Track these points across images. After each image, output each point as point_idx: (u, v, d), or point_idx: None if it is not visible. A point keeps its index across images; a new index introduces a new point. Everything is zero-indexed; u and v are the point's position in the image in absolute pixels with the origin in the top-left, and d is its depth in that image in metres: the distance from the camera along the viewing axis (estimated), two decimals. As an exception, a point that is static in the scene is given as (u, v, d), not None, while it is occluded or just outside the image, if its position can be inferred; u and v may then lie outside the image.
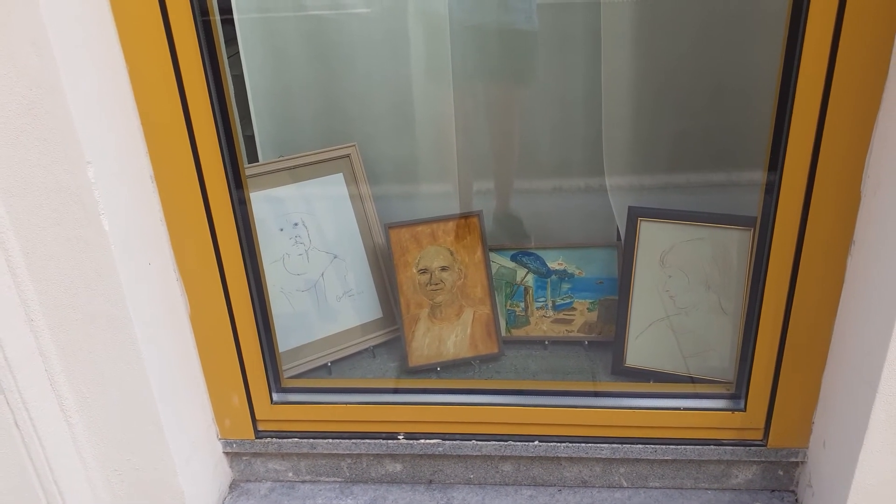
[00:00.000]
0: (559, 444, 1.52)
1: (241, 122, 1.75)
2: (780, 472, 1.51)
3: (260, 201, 1.67)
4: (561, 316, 1.77)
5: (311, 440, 1.57)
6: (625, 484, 1.57)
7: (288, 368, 1.66)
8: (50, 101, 1.09)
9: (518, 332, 1.78)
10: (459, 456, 1.57)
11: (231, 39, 1.76)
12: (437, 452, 1.55)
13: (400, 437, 1.56)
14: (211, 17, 1.28)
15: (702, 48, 1.63)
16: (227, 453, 1.62)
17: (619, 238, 1.74)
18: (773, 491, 1.53)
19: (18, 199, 1.16)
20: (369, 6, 1.73)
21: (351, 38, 1.76)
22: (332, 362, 1.72)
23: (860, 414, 1.22)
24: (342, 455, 1.59)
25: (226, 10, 1.71)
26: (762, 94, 1.33)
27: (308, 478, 1.63)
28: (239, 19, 1.75)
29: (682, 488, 1.55)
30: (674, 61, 1.66)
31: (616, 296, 1.70)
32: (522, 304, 1.78)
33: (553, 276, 1.77)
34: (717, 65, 1.63)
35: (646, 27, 1.62)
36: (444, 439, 1.54)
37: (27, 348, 1.25)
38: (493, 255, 1.77)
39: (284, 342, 1.65)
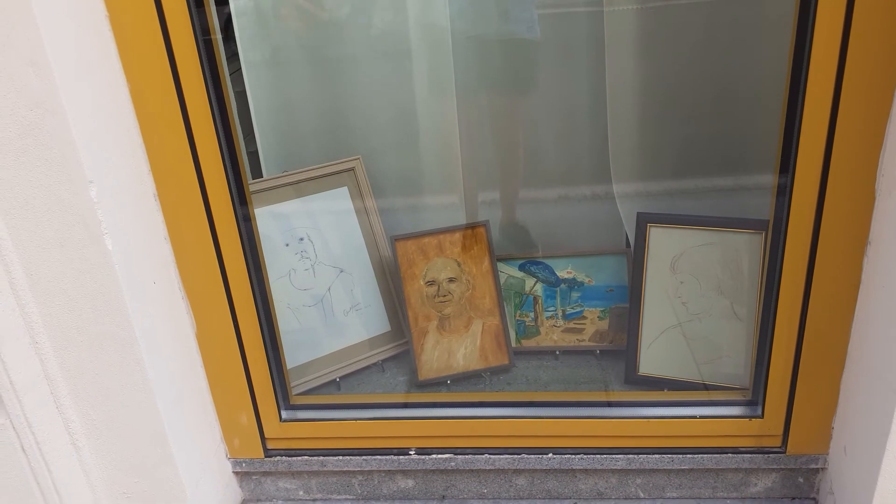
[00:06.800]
0: (573, 456, 1.49)
1: (244, 138, 1.74)
2: (801, 480, 1.48)
3: (265, 217, 1.66)
4: (571, 325, 1.75)
5: (322, 458, 1.55)
6: (641, 495, 1.54)
7: (296, 385, 1.65)
8: (51, 121, 1.08)
9: (528, 343, 1.76)
10: (472, 470, 1.54)
11: (233, 56, 1.76)
12: (449, 467, 1.53)
13: (411, 452, 1.53)
14: (212, 35, 1.28)
15: (705, 53, 1.62)
16: (236, 473, 1.60)
17: (628, 245, 1.72)
18: (793, 499, 1.50)
19: (21, 221, 1.15)
20: (371, 20, 1.73)
21: (353, 52, 1.76)
22: (340, 378, 1.70)
23: (882, 417, 1.19)
24: (353, 472, 1.57)
25: (227, 28, 1.71)
26: (769, 97, 1.32)
27: (319, 496, 1.61)
28: (241, 36, 1.75)
29: (700, 498, 1.52)
30: (678, 66, 1.64)
31: (627, 303, 1.68)
32: (532, 314, 1.76)
33: (562, 285, 1.75)
34: (722, 69, 1.62)
35: (649, 34, 1.61)
36: (456, 454, 1.52)
37: (32, 371, 1.23)
38: (500, 265, 1.75)
39: (292, 358, 1.63)
